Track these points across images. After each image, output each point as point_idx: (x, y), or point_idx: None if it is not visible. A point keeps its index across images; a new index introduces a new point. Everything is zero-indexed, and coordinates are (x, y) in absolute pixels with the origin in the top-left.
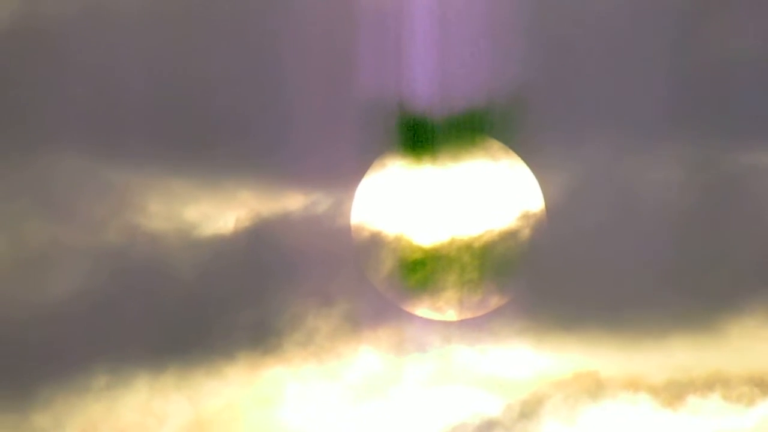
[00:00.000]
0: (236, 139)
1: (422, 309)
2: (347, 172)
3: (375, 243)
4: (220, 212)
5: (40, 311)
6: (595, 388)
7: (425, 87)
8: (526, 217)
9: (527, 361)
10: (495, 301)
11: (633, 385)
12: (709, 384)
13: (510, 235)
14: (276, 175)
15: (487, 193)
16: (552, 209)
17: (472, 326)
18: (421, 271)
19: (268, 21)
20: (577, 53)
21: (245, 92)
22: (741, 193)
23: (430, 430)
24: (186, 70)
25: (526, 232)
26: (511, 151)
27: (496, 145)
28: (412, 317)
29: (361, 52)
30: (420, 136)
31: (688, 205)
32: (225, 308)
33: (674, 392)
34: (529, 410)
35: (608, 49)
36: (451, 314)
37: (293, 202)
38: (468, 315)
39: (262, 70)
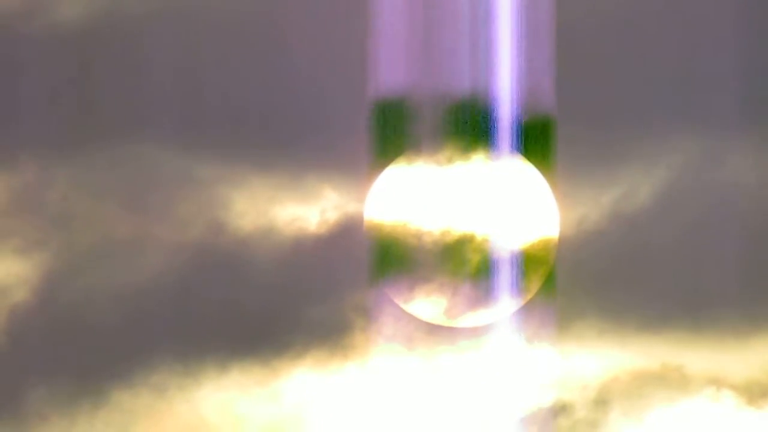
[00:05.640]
0: (320, 137)
1: (502, 310)
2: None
3: (457, 244)
4: (304, 209)
5: (121, 305)
6: (678, 383)
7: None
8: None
9: (609, 359)
10: (577, 303)
11: (716, 382)
12: None
13: (595, 239)
14: (360, 173)
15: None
16: (639, 212)
17: (554, 327)
18: (502, 273)
19: (352, 18)
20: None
21: (328, 90)
22: None
23: (506, 415)
24: (268, 68)
25: (610, 237)
26: (594, 151)
27: (580, 145)
28: (491, 318)
29: (432, 47)
30: (486, 135)
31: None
32: (304, 305)
33: (758, 391)
34: (607, 399)
35: (675, 53)
36: (532, 315)
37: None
38: (549, 316)
39: (344, 69)
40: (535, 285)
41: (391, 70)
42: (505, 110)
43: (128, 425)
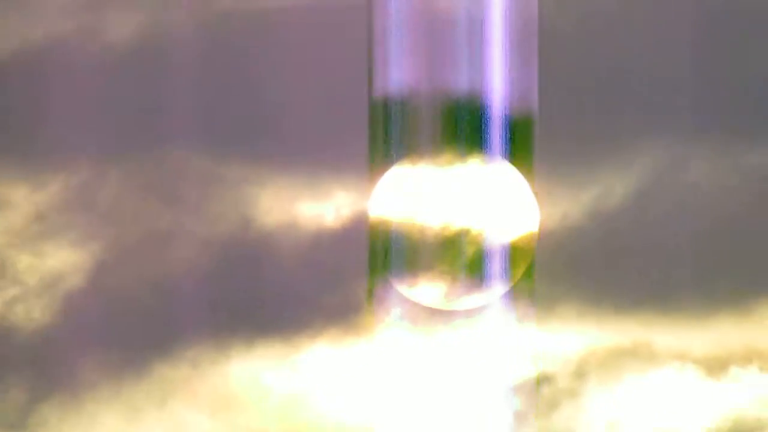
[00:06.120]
0: (333, 144)
1: (494, 294)
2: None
3: (454, 237)
4: (321, 206)
5: (162, 289)
6: (647, 358)
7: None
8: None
9: (587, 336)
10: (559, 288)
11: (680, 357)
12: (747, 357)
13: (576, 233)
14: (369, 175)
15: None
16: (614, 210)
17: (539, 309)
18: (494, 262)
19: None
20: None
21: (340, 101)
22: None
23: (497, 384)
24: (290, 84)
25: (589, 231)
26: (574, 155)
27: (562, 150)
28: (484, 301)
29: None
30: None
31: (729, 206)
32: (321, 289)
33: (716, 364)
34: (585, 371)
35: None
36: (520, 298)
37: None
38: (535, 299)
39: (351, 85)
40: (523, 272)
41: (389, 75)
42: (495, 114)
43: (167, 393)
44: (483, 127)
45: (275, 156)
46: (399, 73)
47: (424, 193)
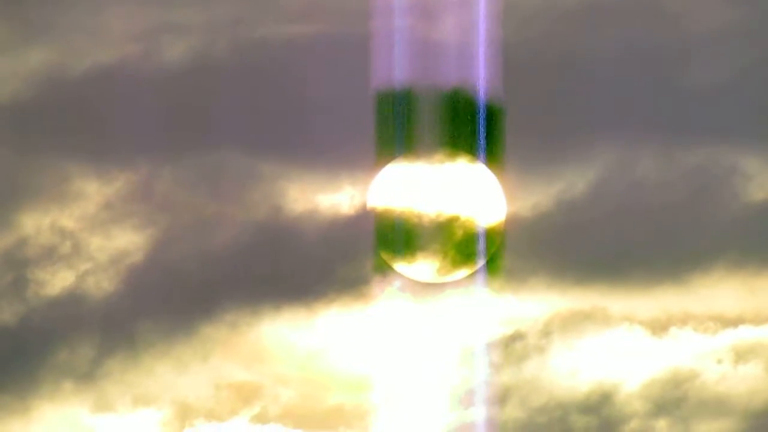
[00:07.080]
0: (347, 150)
1: (478, 269)
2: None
3: (446, 222)
4: (338, 197)
5: (207, 264)
6: (603, 320)
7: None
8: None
9: (553, 302)
10: (531, 263)
11: (629, 319)
12: (684, 320)
13: (545, 219)
14: (374, 176)
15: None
16: (576, 199)
17: (514, 280)
18: (478, 243)
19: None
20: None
21: (349, 117)
22: (704, 185)
23: (479, 341)
24: (314, 102)
25: (556, 217)
26: (544, 155)
27: (534, 151)
28: (470, 274)
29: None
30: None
31: (669, 197)
32: (336, 265)
33: (659, 325)
34: (551, 331)
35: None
36: (499, 272)
37: None
38: (511, 273)
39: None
40: (501, 251)
41: (393, 85)
42: (480, 115)
43: (210, 350)
44: (470, 128)
45: (301, 157)
46: (400, 82)
47: (420, 186)
